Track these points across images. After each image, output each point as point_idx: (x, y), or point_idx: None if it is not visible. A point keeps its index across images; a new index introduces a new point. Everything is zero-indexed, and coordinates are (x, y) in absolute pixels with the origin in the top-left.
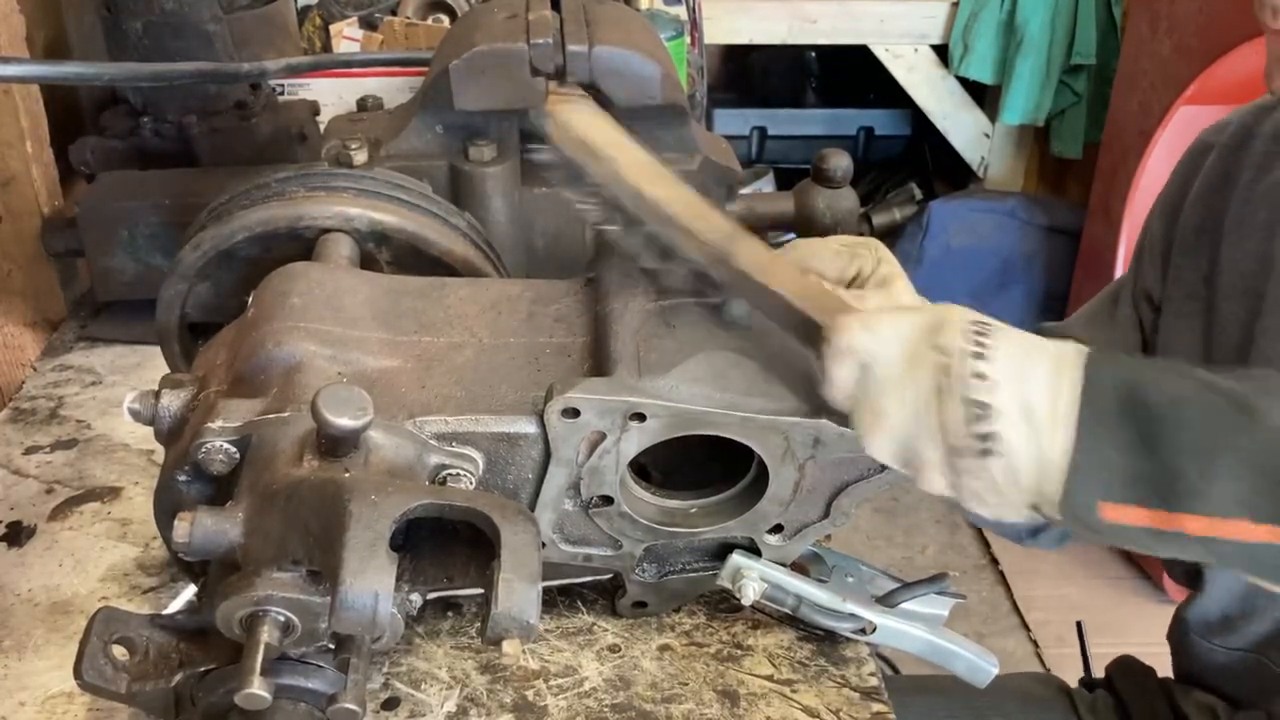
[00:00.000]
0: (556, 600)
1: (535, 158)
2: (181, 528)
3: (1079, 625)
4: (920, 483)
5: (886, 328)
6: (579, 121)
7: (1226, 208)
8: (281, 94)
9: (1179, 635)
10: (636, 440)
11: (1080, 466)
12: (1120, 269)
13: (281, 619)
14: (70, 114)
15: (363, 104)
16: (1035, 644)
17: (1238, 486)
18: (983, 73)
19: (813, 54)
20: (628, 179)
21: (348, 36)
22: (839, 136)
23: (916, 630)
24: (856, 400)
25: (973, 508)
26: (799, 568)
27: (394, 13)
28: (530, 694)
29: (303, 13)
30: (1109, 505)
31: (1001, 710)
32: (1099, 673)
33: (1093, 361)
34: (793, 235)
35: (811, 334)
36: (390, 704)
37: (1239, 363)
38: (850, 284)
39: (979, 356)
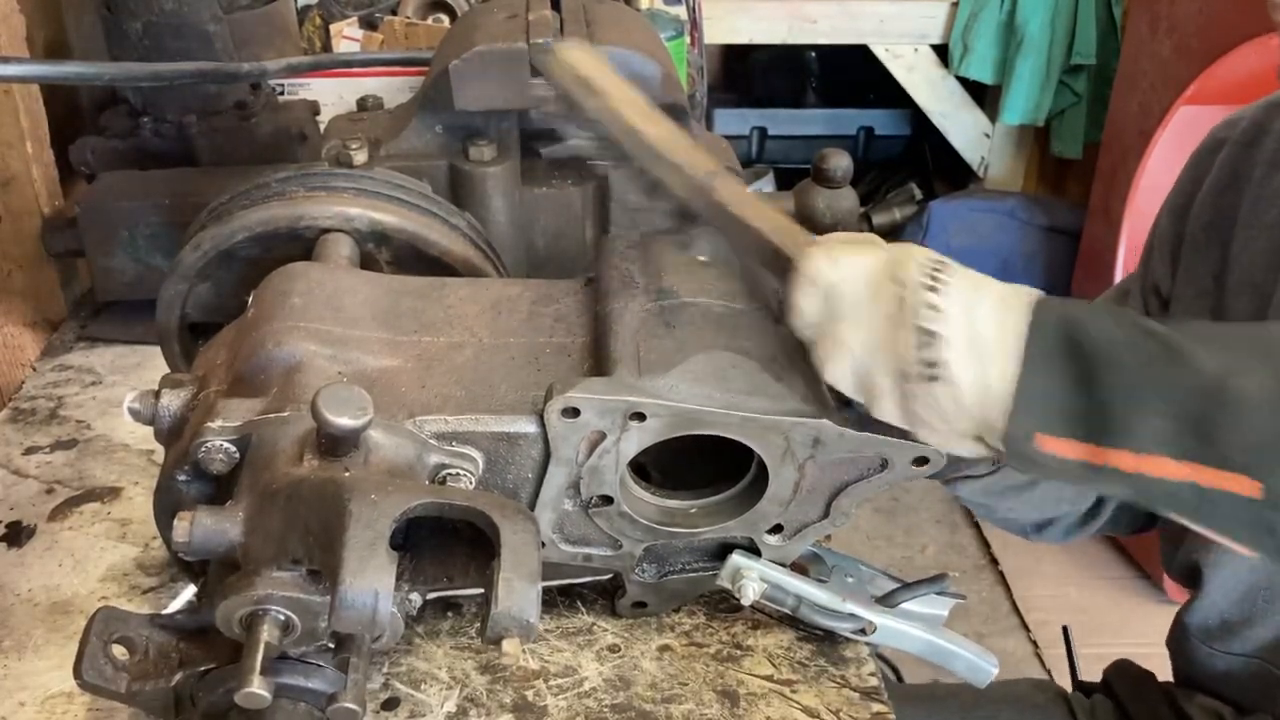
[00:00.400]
0: (556, 600)
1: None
2: (181, 527)
3: (1065, 630)
4: (874, 410)
5: (849, 260)
6: (578, 60)
7: (1238, 205)
8: (281, 94)
9: (1179, 640)
10: (636, 440)
11: (1020, 398)
12: (1120, 269)
13: (281, 618)
14: (70, 114)
15: (363, 104)
16: (1035, 644)
17: (1162, 425)
18: (983, 73)
19: (813, 54)
20: (621, 115)
21: (348, 36)
22: (839, 136)
23: (916, 630)
24: (818, 329)
25: (922, 436)
26: (799, 568)
27: (394, 13)
28: (530, 694)
29: (303, 13)
30: (1046, 437)
31: (999, 717)
32: (1095, 676)
33: (1040, 301)
34: None
35: (780, 264)
36: (390, 704)
37: None
38: None
39: (932, 289)
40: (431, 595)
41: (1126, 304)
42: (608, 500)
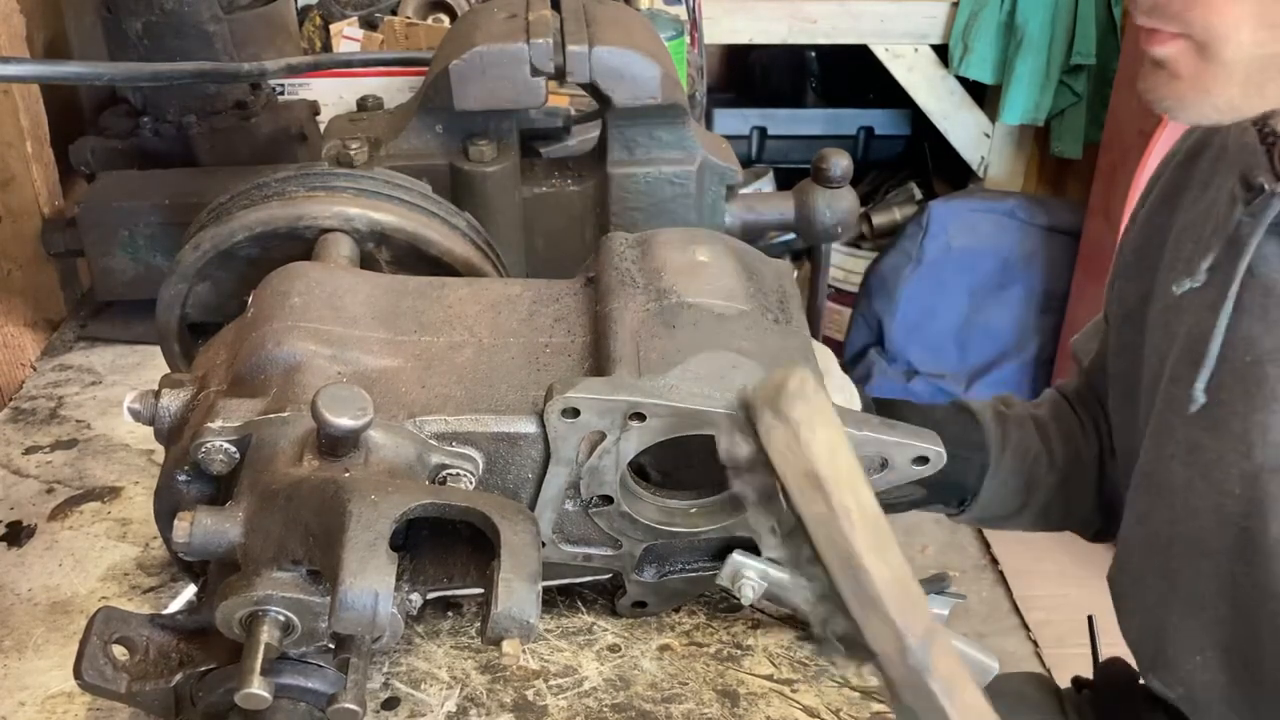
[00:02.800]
0: (556, 600)
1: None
2: (181, 527)
3: (1090, 620)
4: None
5: None
6: (818, 441)
7: (1170, 227)
8: (281, 94)
9: None
10: (636, 440)
11: None
12: None
13: (281, 619)
14: (70, 114)
15: (363, 104)
16: (1035, 644)
17: None
18: (983, 73)
19: (813, 54)
20: (846, 538)
21: (348, 36)
22: (839, 136)
23: None
24: None
25: None
26: None
27: (394, 13)
28: (530, 694)
29: (303, 13)
30: None
31: (995, 710)
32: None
33: None
34: (793, 235)
35: None
36: (390, 704)
37: (1151, 407)
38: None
39: None
40: (431, 595)
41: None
42: (608, 500)
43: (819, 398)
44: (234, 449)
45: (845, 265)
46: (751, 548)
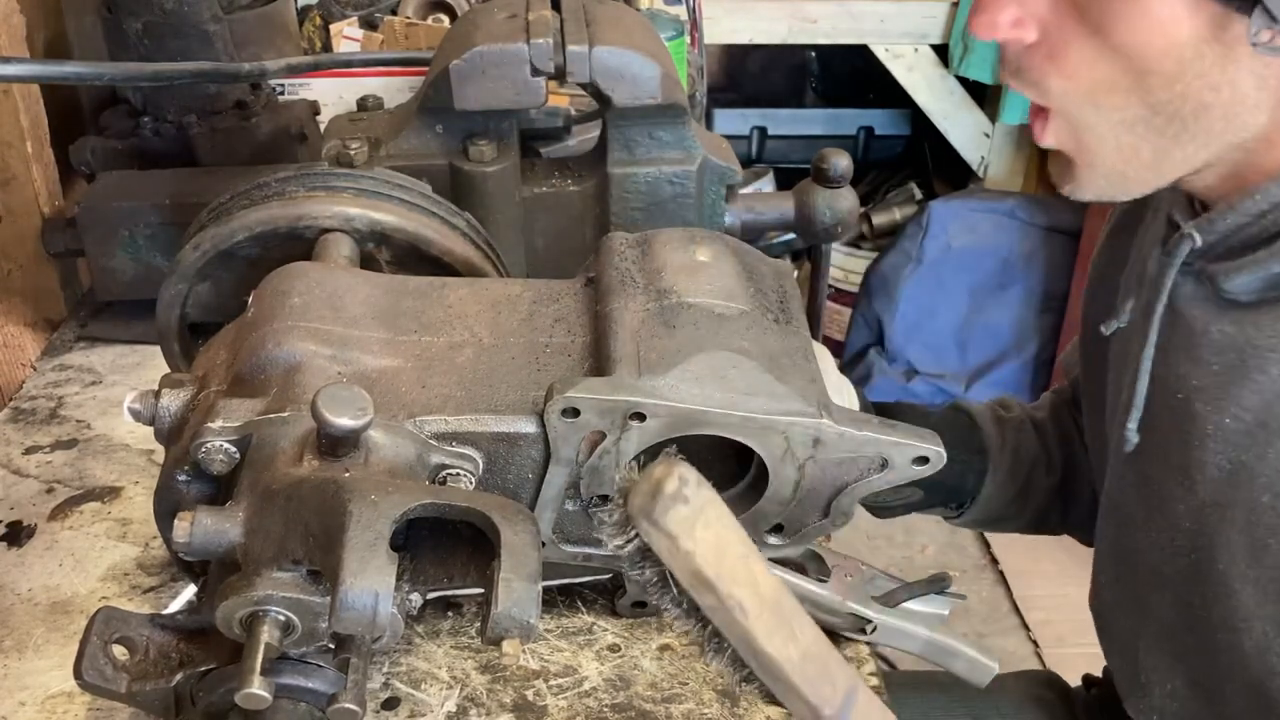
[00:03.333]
0: (556, 600)
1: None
2: (181, 527)
3: None
4: None
5: None
6: (700, 544)
7: (1130, 247)
8: (281, 94)
9: None
10: (636, 440)
11: None
12: None
13: (281, 619)
14: (70, 114)
15: (363, 104)
16: (1035, 644)
17: None
18: (983, 73)
19: (813, 54)
20: (744, 629)
21: (348, 36)
22: (839, 136)
23: (917, 629)
24: None
25: None
26: (799, 567)
27: (394, 13)
28: (530, 694)
29: (303, 13)
30: None
31: (999, 709)
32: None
33: None
34: (793, 235)
35: None
36: (390, 704)
37: (1113, 433)
38: None
39: None
40: (431, 595)
41: None
42: (608, 500)
43: (699, 495)
44: (234, 449)
45: (845, 265)
46: None
